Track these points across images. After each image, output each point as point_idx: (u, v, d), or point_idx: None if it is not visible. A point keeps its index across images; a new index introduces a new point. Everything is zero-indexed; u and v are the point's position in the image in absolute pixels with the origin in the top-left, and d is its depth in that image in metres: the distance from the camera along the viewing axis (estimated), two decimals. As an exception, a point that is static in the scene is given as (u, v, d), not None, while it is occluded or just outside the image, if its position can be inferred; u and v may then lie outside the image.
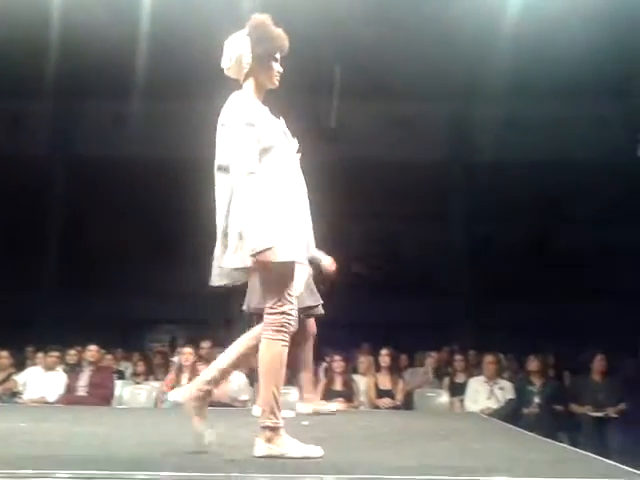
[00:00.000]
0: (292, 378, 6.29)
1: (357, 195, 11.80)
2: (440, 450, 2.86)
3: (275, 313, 2.61)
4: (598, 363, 6.24)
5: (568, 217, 13.49)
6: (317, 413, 4.43)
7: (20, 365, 7.22)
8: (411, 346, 8.63)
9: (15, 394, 6.38)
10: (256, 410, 3.92)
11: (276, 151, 2.66)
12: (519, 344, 8.31)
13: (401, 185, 12.24)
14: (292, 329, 2.62)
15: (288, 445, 2.56)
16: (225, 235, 2.65)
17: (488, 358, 6.43)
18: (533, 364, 6.42)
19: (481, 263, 12.85)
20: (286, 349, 2.60)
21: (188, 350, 6.10)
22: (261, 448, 2.54)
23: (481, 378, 6.38)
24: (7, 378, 6.57)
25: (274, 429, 2.55)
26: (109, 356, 7.53)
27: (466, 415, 5.52)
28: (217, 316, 12.21)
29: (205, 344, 6.58)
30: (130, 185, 12.98)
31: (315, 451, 2.57)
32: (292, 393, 5.91)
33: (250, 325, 3.37)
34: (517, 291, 12.24)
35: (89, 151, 13.19)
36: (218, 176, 2.74)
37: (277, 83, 2.81)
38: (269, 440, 2.54)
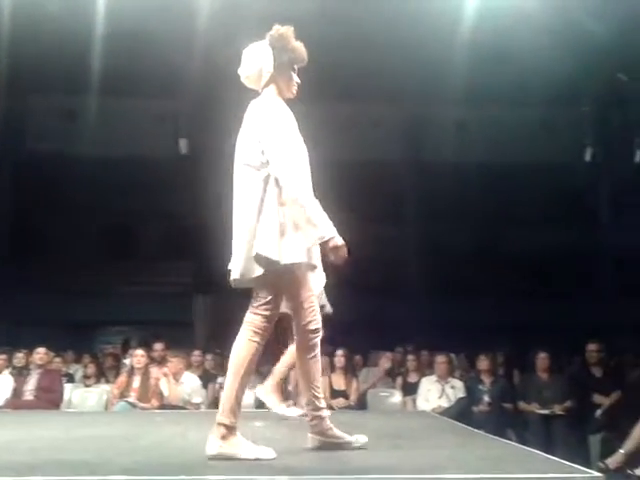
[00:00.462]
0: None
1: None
2: (390, 449, 2.90)
3: (260, 315, 2.64)
4: (541, 361, 6.42)
5: (518, 219, 13.81)
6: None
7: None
8: (364, 346, 8.69)
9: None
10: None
11: (302, 157, 2.73)
12: (471, 343, 8.47)
13: (354, 185, 12.34)
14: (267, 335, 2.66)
15: (241, 446, 2.56)
16: (253, 231, 2.60)
17: (440, 358, 6.54)
18: (483, 363, 6.56)
19: (434, 263, 13.05)
20: (259, 352, 2.64)
21: (140, 352, 6.01)
22: (214, 446, 2.54)
23: (433, 377, 6.49)
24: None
25: (230, 428, 2.55)
26: (58, 359, 7.35)
27: (418, 414, 5.60)
28: (172, 318, 12.07)
29: (158, 346, 6.50)
30: (82, 183, 12.72)
31: (267, 453, 2.58)
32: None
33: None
34: (468, 291, 12.48)
35: (40, 148, 12.87)
36: (246, 172, 2.70)
37: (295, 93, 2.88)
38: (223, 438, 2.54)
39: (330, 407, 5.95)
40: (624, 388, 6.26)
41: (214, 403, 6.52)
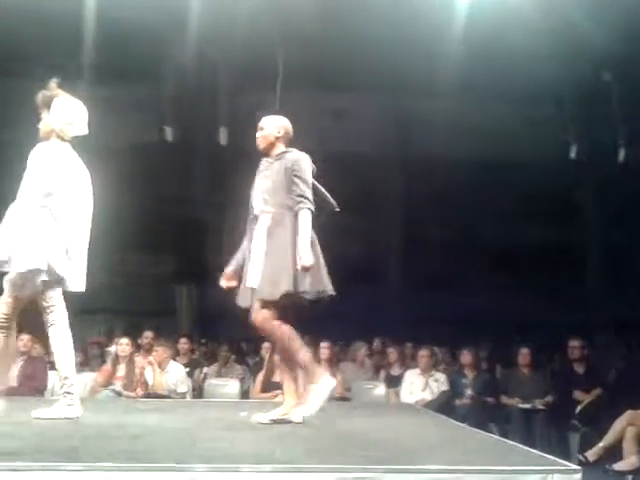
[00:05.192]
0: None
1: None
2: (374, 441, 2.93)
3: None
4: (523, 357, 6.51)
5: (504, 214, 13.90)
6: None
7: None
8: (345, 338, 8.73)
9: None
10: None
11: None
12: (454, 337, 8.55)
13: (338, 177, 12.34)
14: None
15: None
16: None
17: (422, 352, 6.60)
18: (466, 357, 6.63)
19: (419, 256, 13.12)
20: None
21: (125, 340, 5.99)
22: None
23: (416, 370, 6.55)
24: None
25: None
26: (37, 345, 7.23)
27: (401, 406, 5.65)
28: (156, 307, 12.03)
29: (147, 334, 6.48)
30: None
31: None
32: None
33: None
34: (453, 285, 12.56)
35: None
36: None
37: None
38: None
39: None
40: (605, 385, 6.37)
41: (199, 392, 6.54)
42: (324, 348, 6.49)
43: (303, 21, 9.65)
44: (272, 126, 3.68)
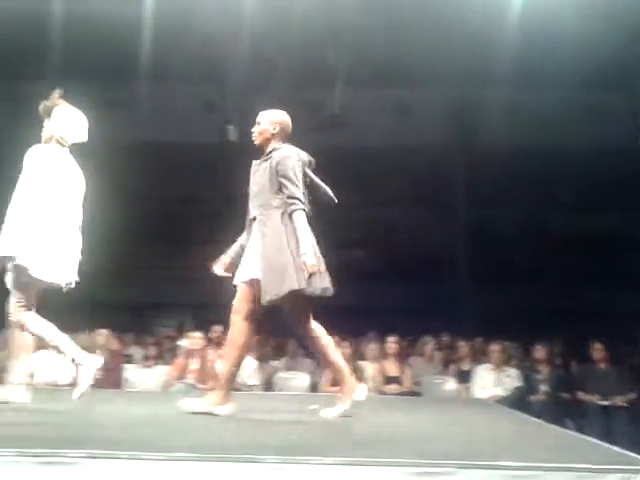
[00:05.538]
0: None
1: (359, 181, 11.76)
2: (450, 436, 2.88)
3: None
4: (597, 352, 6.28)
5: (570, 204, 13.45)
6: None
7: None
8: (413, 332, 8.63)
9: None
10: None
11: None
12: (526, 331, 8.31)
13: (402, 170, 12.23)
14: None
15: None
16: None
17: (493, 347, 6.46)
18: (540, 353, 6.45)
19: (487, 248, 12.85)
20: None
21: (197, 334, 6.12)
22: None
23: (488, 365, 6.41)
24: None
25: None
26: (113, 340, 7.46)
27: (473, 402, 5.54)
28: (224, 301, 12.26)
29: (217, 328, 6.60)
30: (133, 169, 12.95)
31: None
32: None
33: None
34: (522, 277, 12.25)
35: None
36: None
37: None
38: None
39: (383, 392, 6.01)
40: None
41: (269, 386, 6.61)
42: (391, 342, 6.47)
43: (360, 18, 9.60)
44: (268, 122, 3.58)
